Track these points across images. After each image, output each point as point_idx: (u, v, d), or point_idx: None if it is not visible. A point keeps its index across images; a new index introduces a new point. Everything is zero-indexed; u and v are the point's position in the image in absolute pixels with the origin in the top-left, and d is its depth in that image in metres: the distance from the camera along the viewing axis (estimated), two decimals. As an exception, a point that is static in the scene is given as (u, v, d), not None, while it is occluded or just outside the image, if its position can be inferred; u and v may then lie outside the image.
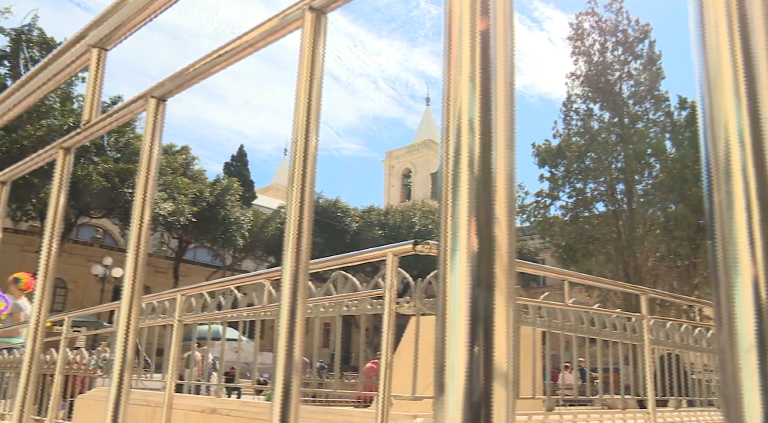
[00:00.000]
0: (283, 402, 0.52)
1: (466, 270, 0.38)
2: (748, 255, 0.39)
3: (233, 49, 0.69)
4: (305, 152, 0.56)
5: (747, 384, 0.38)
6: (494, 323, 0.38)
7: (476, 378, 0.37)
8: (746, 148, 0.39)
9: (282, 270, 0.55)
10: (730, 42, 0.40)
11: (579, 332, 4.01)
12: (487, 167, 0.39)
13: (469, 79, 0.41)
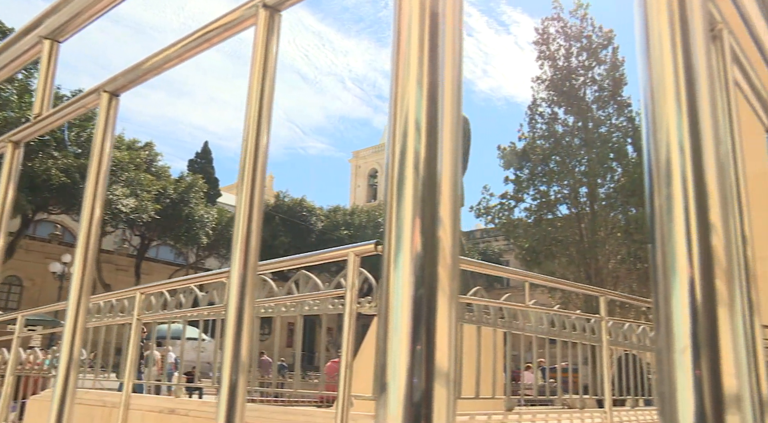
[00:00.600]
0: (229, 401, 0.51)
1: (409, 271, 0.39)
2: (686, 258, 0.40)
3: (187, 44, 0.68)
4: (256, 150, 0.56)
5: (681, 383, 0.39)
6: (436, 323, 0.38)
7: (417, 378, 0.37)
8: (686, 154, 0.40)
9: (230, 269, 0.55)
10: (673, 53, 0.41)
11: (539, 333, 4.07)
12: (433, 169, 0.40)
13: (416, 81, 0.41)
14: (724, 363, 0.39)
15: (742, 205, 0.55)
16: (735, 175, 0.56)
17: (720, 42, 0.57)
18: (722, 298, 0.39)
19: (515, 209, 21.76)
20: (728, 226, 0.40)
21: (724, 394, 0.38)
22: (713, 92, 0.42)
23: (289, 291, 3.60)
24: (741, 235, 0.54)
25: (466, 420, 3.27)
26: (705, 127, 0.41)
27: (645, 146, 0.42)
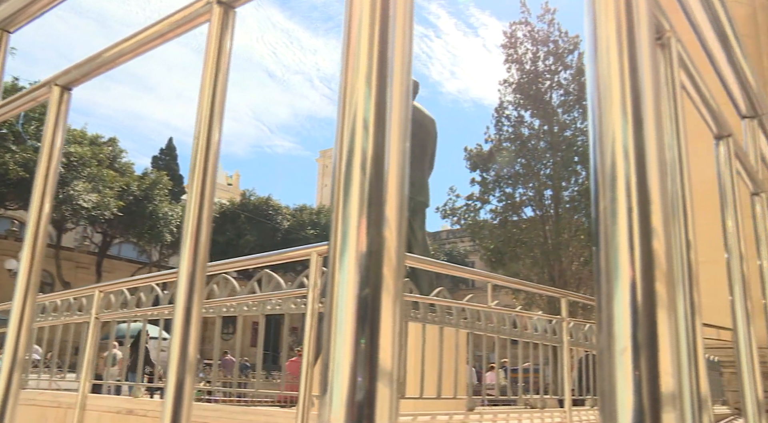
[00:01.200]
0: (175, 401, 0.50)
1: (354, 270, 0.39)
2: (628, 261, 0.41)
3: (142, 39, 0.67)
4: (207, 147, 0.55)
5: (621, 383, 0.40)
6: (380, 323, 0.38)
7: (361, 377, 0.37)
8: (630, 160, 0.41)
9: (179, 266, 0.54)
10: (619, 61, 0.41)
11: (501, 334, 4.11)
12: (380, 169, 0.40)
13: (365, 80, 0.41)
14: (662, 363, 0.39)
15: (687, 210, 0.56)
16: (681, 180, 0.57)
17: (668, 50, 0.58)
18: (662, 301, 0.40)
19: (481, 211, 21.96)
20: (669, 230, 0.41)
21: (661, 393, 0.39)
22: (658, 99, 0.42)
23: (252, 290, 3.57)
24: (685, 239, 0.55)
25: (427, 420, 3.28)
26: (649, 133, 0.41)
27: (591, 150, 0.43)
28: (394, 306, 0.39)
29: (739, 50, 0.86)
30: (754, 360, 0.77)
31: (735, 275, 0.79)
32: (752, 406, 0.73)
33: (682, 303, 0.52)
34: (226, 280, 3.72)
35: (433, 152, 6.37)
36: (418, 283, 5.61)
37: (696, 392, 0.50)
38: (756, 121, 1.07)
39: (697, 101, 0.72)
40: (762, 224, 1.05)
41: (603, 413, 0.40)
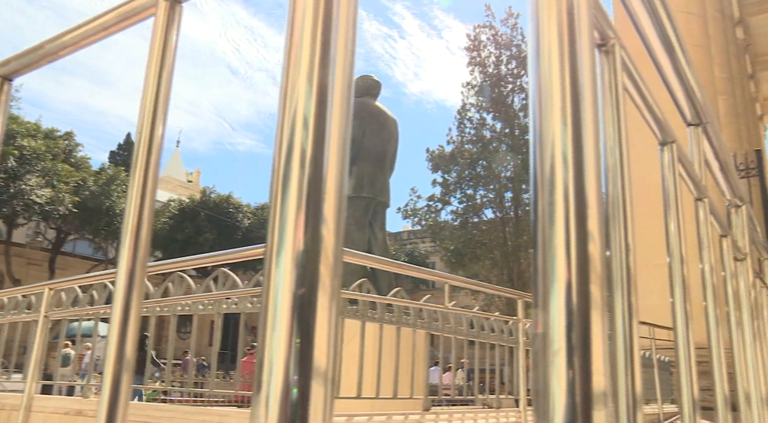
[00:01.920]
0: (110, 401, 0.49)
1: (290, 268, 0.38)
2: (564, 263, 0.41)
3: (87, 31, 0.65)
4: (150, 143, 0.54)
5: (554, 382, 0.40)
6: (316, 322, 0.38)
7: (295, 376, 0.37)
8: (569, 165, 0.42)
9: (118, 263, 0.53)
10: (560, 67, 0.42)
11: (458, 334, 4.14)
12: (319, 167, 0.39)
13: (306, 78, 0.41)
14: (595, 363, 0.40)
15: (627, 214, 0.57)
16: (622, 185, 0.58)
17: (612, 57, 0.59)
18: (596, 303, 0.41)
19: (442, 212, 22.11)
20: (604, 234, 0.42)
21: (593, 392, 0.39)
22: (596, 104, 0.43)
23: (208, 288, 3.52)
24: (625, 243, 0.56)
25: (383, 420, 3.29)
26: (588, 138, 0.42)
27: (531, 154, 0.44)
28: (330, 304, 0.38)
29: (684, 60, 0.89)
30: (692, 360, 0.79)
31: (676, 278, 0.82)
32: (688, 404, 0.75)
33: (620, 305, 0.53)
34: (181, 278, 3.66)
35: (395, 153, 6.38)
36: (377, 283, 5.62)
37: (631, 391, 0.51)
38: (701, 128, 1.10)
39: (642, 108, 0.74)
40: (704, 229, 1.08)
41: (537, 412, 0.41)
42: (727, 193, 1.55)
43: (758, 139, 21.07)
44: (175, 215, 35.28)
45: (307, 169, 0.39)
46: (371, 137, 5.96)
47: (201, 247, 31.38)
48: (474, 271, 20.46)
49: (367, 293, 3.48)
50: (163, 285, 3.80)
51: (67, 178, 27.86)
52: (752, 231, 1.91)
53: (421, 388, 3.99)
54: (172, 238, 34.19)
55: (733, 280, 1.39)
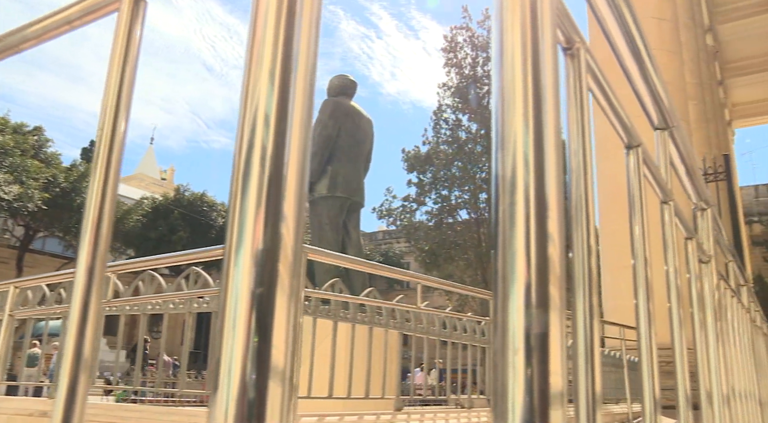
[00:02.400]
0: (67, 402, 0.49)
1: (249, 266, 0.38)
2: (524, 264, 0.41)
3: (49, 24, 0.64)
4: (112, 140, 0.53)
5: (513, 382, 0.40)
6: (274, 321, 0.38)
7: (253, 375, 0.37)
8: (530, 167, 0.42)
9: (77, 261, 0.52)
10: (523, 71, 0.42)
11: (431, 334, 4.15)
12: (279, 165, 0.39)
13: (269, 75, 0.41)
14: (553, 363, 0.40)
15: (590, 216, 0.58)
16: (585, 187, 0.59)
17: (577, 60, 0.60)
18: (555, 304, 0.41)
19: (417, 212, 22.17)
20: (563, 236, 0.42)
21: (551, 392, 0.40)
22: (557, 107, 0.43)
23: (179, 287, 3.48)
24: (587, 245, 0.57)
25: (355, 420, 3.29)
26: (549, 141, 0.42)
27: (493, 156, 0.44)
28: (288, 304, 0.38)
29: (651, 66, 0.90)
30: (654, 360, 0.80)
31: (639, 279, 0.83)
32: (650, 403, 0.77)
33: (582, 305, 0.54)
34: (152, 277, 3.62)
35: (370, 153, 6.38)
36: (351, 283, 5.61)
37: (591, 390, 0.52)
38: (667, 132, 1.12)
39: (608, 112, 0.75)
40: (669, 231, 1.10)
41: (495, 412, 0.41)
42: (693, 196, 1.57)
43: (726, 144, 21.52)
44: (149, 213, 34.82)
45: (268, 167, 0.39)
46: (346, 137, 5.96)
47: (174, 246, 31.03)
48: (448, 271, 20.54)
49: (339, 293, 3.48)
50: (133, 283, 3.75)
51: (37, 175, 27.35)
52: (717, 234, 1.94)
53: (393, 388, 3.99)
54: (145, 236, 33.76)
55: (698, 282, 1.42)
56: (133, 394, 5.51)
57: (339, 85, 6.33)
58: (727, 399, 1.56)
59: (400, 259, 38.66)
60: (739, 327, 2.64)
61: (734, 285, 2.69)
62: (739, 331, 2.61)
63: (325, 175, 5.81)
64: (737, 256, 2.77)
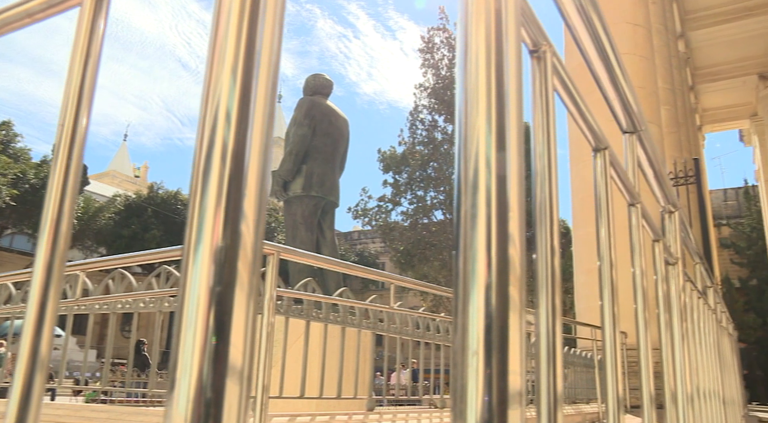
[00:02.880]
0: (21, 402, 0.48)
1: (207, 264, 0.38)
2: (485, 264, 0.42)
3: (7, 18, 0.63)
4: (73, 136, 0.52)
5: (472, 382, 0.41)
6: (233, 320, 0.38)
7: (210, 375, 0.37)
8: (492, 169, 0.42)
9: (35, 260, 0.51)
10: (487, 73, 0.42)
11: (404, 335, 4.16)
12: (240, 162, 0.39)
13: (231, 71, 0.40)
14: (512, 363, 0.41)
15: (554, 218, 0.59)
16: (549, 189, 0.59)
17: (543, 63, 0.60)
18: (515, 304, 0.41)
19: (392, 212, 22.20)
20: (524, 237, 0.42)
21: (509, 392, 0.40)
22: (520, 110, 0.44)
23: (150, 286, 3.44)
24: (550, 246, 0.57)
25: (326, 420, 3.28)
26: (512, 145, 0.43)
27: (456, 157, 0.44)
28: (248, 302, 0.38)
29: (620, 71, 0.91)
30: (617, 360, 0.81)
31: (605, 280, 0.84)
32: (613, 402, 0.78)
33: (545, 306, 0.55)
34: (122, 276, 3.57)
35: (345, 152, 6.37)
36: (326, 282, 5.59)
37: (553, 390, 0.52)
38: (635, 136, 1.14)
39: (576, 115, 0.75)
40: (636, 233, 1.11)
41: (454, 411, 0.41)
42: (661, 199, 1.60)
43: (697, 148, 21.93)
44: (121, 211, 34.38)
45: (228, 165, 0.38)
46: (322, 136, 5.94)
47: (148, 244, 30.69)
48: (423, 272, 20.60)
49: (312, 293, 3.47)
50: (103, 282, 3.70)
51: (5, 170, 26.84)
52: (685, 236, 1.98)
53: (366, 388, 3.99)
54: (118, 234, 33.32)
55: (664, 284, 1.44)
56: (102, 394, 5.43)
57: (315, 84, 6.31)
58: (691, 398, 1.59)
59: (376, 259, 38.71)
60: (705, 328, 2.68)
61: (701, 286, 2.74)
62: (704, 332, 2.66)
63: (300, 175, 5.78)
64: (704, 258, 2.83)
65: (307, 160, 5.83)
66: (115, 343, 3.97)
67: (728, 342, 5.08)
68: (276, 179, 5.92)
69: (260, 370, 2.58)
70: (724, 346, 4.05)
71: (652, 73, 10.33)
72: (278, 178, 5.87)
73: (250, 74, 0.40)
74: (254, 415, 2.56)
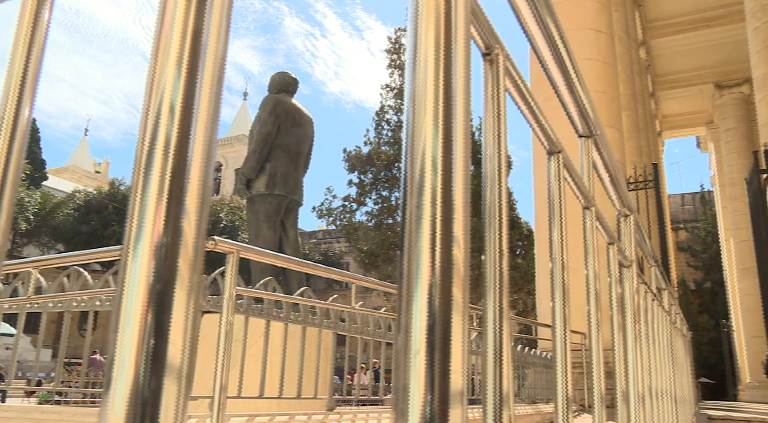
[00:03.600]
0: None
1: (147, 261, 0.37)
2: (429, 264, 0.42)
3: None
4: (13, 130, 0.51)
5: (414, 382, 0.41)
6: (172, 318, 0.37)
7: (147, 374, 0.36)
8: (438, 170, 0.42)
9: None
10: (435, 75, 0.43)
11: (365, 335, 4.16)
12: (183, 157, 0.38)
13: (176, 64, 0.40)
14: (454, 363, 0.41)
15: (503, 221, 0.59)
16: (498, 191, 0.60)
17: (496, 66, 0.61)
18: (458, 305, 0.41)
19: (357, 212, 22.18)
20: (468, 238, 0.43)
21: (450, 392, 0.40)
22: (468, 112, 0.44)
23: (107, 284, 3.37)
24: (499, 248, 0.58)
25: (286, 420, 3.26)
26: (459, 147, 0.43)
27: (403, 158, 0.44)
28: (188, 300, 0.37)
29: (575, 76, 0.93)
30: (568, 360, 0.83)
31: (557, 282, 0.85)
32: (562, 401, 0.79)
33: (492, 306, 0.55)
34: (78, 273, 3.48)
35: (310, 151, 6.34)
36: (288, 282, 5.55)
37: (499, 390, 0.53)
38: (591, 140, 1.16)
39: (530, 118, 0.76)
40: (591, 236, 1.13)
41: (396, 411, 0.41)
42: (617, 203, 1.63)
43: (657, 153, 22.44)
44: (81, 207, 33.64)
45: (171, 159, 0.38)
46: (286, 135, 5.89)
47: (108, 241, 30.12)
48: (387, 272, 20.63)
49: (272, 292, 3.44)
50: (57, 279, 3.60)
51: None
52: (640, 239, 2.02)
53: (326, 388, 3.98)
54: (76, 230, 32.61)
55: (618, 286, 1.47)
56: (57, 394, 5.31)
57: (280, 82, 6.26)
58: (642, 397, 1.62)
59: (340, 258, 38.66)
60: (658, 329, 2.75)
61: (655, 289, 2.80)
62: (658, 333, 2.72)
63: (264, 173, 5.73)
64: (659, 261, 2.89)
65: (271, 158, 5.78)
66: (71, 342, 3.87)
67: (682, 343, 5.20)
68: (239, 177, 5.87)
69: (218, 370, 2.55)
70: (677, 347, 4.15)
71: (614, 79, 10.54)
72: (242, 176, 5.82)
73: (196, 67, 0.39)
74: (212, 415, 2.53)
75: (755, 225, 11.24)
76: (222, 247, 2.50)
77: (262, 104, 6.05)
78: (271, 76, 6.45)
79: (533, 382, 7.39)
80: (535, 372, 7.43)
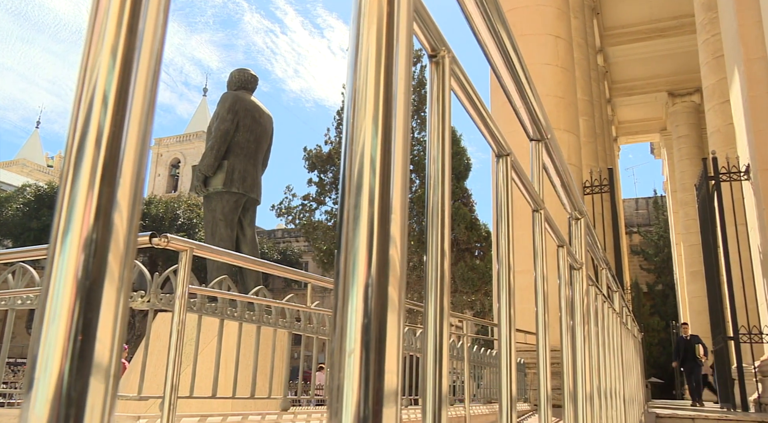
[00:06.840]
0: None
1: (76, 256, 0.36)
2: (365, 264, 0.42)
3: None
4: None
5: (348, 381, 0.41)
6: (100, 316, 0.36)
7: (72, 373, 0.35)
8: (376, 170, 0.42)
9: None
10: (376, 80, 0.43)
11: (320, 334, 4.15)
12: (116, 149, 0.37)
13: (111, 50, 0.39)
14: (389, 363, 0.41)
15: (445, 221, 0.60)
16: (442, 192, 0.60)
17: (441, 68, 0.61)
18: (393, 305, 0.41)
19: (316, 211, 22.10)
20: (405, 239, 0.43)
21: (385, 391, 0.40)
22: (408, 113, 0.44)
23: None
24: (441, 249, 0.58)
25: (239, 420, 3.22)
26: (398, 147, 0.43)
27: (342, 157, 0.44)
28: (118, 297, 0.37)
29: (526, 80, 0.94)
30: (512, 361, 0.84)
31: (502, 284, 0.86)
32: (506, 401, 0.80)
33: (433, 307, 0.55)
34: (24, 270, 3.38)
35: (269, 149, 6.28)
36: (245, 280, 5.50)
37: (438, 389, 0.53)
38: (542, 144, 1.18)
39: (477, 121, 0.77)
40: (539, 239, 1.15)
41: (330, 410, 0.41)
42: (568, 206, 1.66)
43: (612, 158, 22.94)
44: (31, 202, 32.65)
45: (103, 151, 0.37)
46: (244, 132, 5.83)
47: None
48: (346, 272, 20.58)
49: (227, 291, 3.40)
50: (1, 276, 3.49)
51: None
52: (591, 242, 2.06)
53: (280, 388, 3.95)
54: (26, 226, 31.62)
55: (568, 288, 1.50)
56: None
57: (239, 79, 6.20)
58: (591, 397, 1.65)
59: (299, 258, 38.42)
60: (609, 330, 2.81)
61: (606, 291, 2.86)
62: (609, 334, 2.78)
63: (221, 170, 5.66)
64: (610, 264, 2.95)
65: (228, 155, 5.71)
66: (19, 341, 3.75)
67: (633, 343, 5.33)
68: (196, 174, 5.78)
69: (170, 369, 2.51)
70: (628, 348, 4.24)
71: (572, 84, 10.73)
72: (199, 174, 5.73)
73: (132, 56, 0.39)
74: (162, 416, 2.48)
75: (704, 229, 11.59)
76: (174, 245, 2.46)
77: (220, 101, 5.97)
78: (230, 72, 6.37)
79: (490, 383, 7.47)
80: (491, 372, 7.52)
